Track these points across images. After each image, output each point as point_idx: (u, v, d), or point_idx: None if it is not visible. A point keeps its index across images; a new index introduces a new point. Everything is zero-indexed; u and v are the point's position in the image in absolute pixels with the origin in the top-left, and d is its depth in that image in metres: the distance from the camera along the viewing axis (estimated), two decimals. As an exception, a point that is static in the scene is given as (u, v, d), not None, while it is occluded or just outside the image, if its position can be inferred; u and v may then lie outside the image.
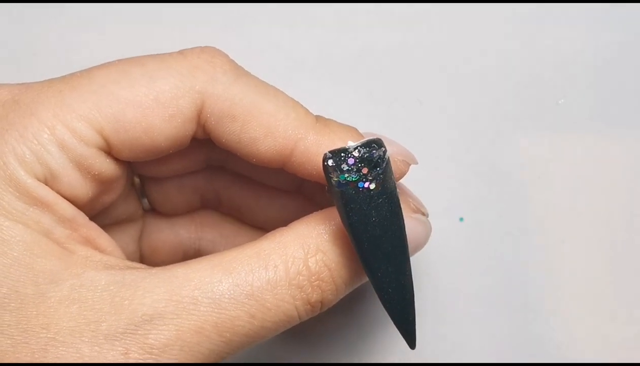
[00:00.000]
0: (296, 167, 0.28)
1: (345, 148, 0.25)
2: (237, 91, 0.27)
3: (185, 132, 0.27)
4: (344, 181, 0.25)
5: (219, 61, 0.27)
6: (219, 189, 0.32)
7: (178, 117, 0.27)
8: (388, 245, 0.26)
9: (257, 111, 0.27)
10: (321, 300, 0.26)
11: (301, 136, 0.27)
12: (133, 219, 0.32)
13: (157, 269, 0.25)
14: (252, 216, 0.32)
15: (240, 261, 0.26)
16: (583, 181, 0.35)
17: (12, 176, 0.25)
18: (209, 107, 0.27)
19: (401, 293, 0.27)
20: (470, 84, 0.36)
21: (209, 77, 0.27)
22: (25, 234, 0.25)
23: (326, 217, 0.27)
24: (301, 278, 0.26)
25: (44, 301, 0.24)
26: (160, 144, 0.27)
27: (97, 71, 0.27)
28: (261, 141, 0.27)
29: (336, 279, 0.26)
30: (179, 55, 0.27)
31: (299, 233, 0.26)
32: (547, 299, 0.35)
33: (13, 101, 0.26)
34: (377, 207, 0.26)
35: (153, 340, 0.24)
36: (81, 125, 0.26)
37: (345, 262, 0.26)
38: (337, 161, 0.25)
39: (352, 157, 0.25)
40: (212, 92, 0.27)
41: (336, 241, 0.26)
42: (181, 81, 0.27)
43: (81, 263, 0.25)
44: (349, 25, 0.36)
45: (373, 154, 0.25)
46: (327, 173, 0.25)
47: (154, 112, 0.26)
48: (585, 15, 0.35)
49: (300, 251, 0.26)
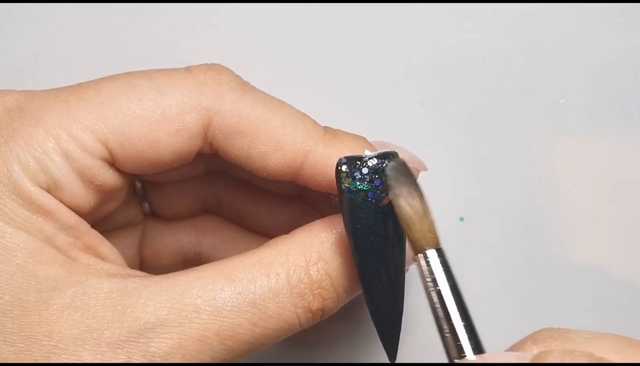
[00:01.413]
0: (307, 179, 0.28)
1: (361, 156, 0.26)
2: (244, 106, 0.27)
3: (190, 148, 0.27)
4: (354, 189, 0.26)
5: (225, 77, 0.27)
6: (220, 194, 0.32)
7: (184, 133, 0.27)
8: (386, 258, 0.26)
9: (265, 126, 0.27)
10: (322, 308, 0.26)
11: (310, 148, 0.27)
12: (134, 224, 0.32)
13: (159, 278, 0.26)
14: (253, 221, 0.32)
15: (242, 269, 0.26)
16: (583, 180, 0.35)
17: (16, 183, 0.25)
18: (216, 124, 0.27)
19: (392, 306, 0.27)
20: (470, 84, 0.35)
21: (216, 93, 0.27)
22: (28, 242, 0.25)
23: (328, 225, 0.27)
24: (302, 286, 0.26)
25: (47, 308, 0.24)
26: (164, 158, 0.27)
27: (105, 82, 0.27)
28: (270, 156, 0.27)
29: (337, 287, 0.27)
30: (185, 72, 0.27)
31: (301, 241, 0.27)
32: (547, 299, 0.36)
33: (19, 109, 0.26)
34: (382, 220, 0.26)
35: (155, 348, 0.24)
36: (86, 136, 0.26)
37: (346, 271, 0.27)
38: (351, 168, 0.25)
39: (367, 167, 0.26)
40: (219, 109, 0.27)
41: (338, 250, 0.27)
42: (188, 97, 0.27)
43: (83, 270, 0.25)
44: (350, 26, 0.36)
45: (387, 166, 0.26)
46: (339, 178, 0.26)
47: (160, 127, 0.26)
48: (585, 15, 0.35)
49: (302, 259, 0.26)
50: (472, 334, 0.23)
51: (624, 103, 0.35)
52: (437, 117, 0.36)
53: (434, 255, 0.24)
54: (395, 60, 0.36)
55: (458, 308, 0.23)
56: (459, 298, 0.24)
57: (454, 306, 0.23)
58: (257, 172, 0.28)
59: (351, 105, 0.36)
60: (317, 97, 0.36)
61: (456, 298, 0.24)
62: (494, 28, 0.35)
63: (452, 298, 0.24)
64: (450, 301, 0.24)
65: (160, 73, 0.27)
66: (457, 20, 0.35)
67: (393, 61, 0.36)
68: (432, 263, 0.24)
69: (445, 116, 0.36)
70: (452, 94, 0.36)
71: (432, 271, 0.24)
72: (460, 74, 0.36)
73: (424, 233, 0.25)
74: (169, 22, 0.36)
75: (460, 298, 0.24)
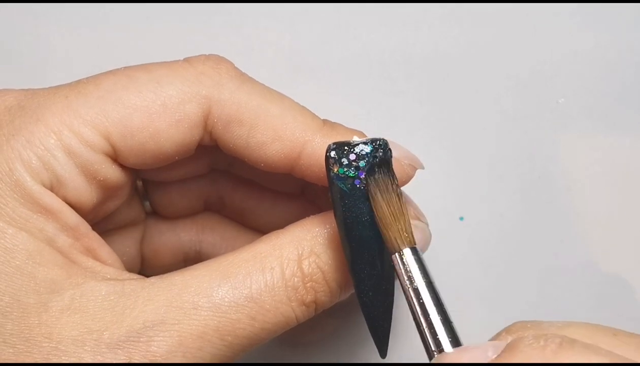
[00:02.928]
0: (304, 170, 0.28)
1: (349, 142, 0.26)
2: (244, 95, 0.27)
3: (192, 138, 0.27)
4: (342, 175, 0.25)
5: (224, 67, 0.28)
6: (223, 193, 0.32)
7: (185, 122, 0.27)
8: (375, 248, 0.26)
9: (265, 115, 0.27)
10: (315, 301, 0.26)
11: (308, 138, 0.27)
12: (135, 223, 0.32)
13: (155, 279, 0.26)
14: (254, 219, 0.32)
15: (238, 264, 0.26)
16: (583, 180, 0.35)
17: (18, 182, 0.25)
18: (216, 112, 0.27)
19: (381, 298, 0.27)
20: (470, 83, 0.35)
21: (215, 82, 0.27)
22: (28, 243, 0.25)
23: (322, 220, 0.27)
24: (296, 279, 0.26)
25: (46, 310, 0.24)
26: (166, 150, 0.27)
27: (104, 77, 0.27)
28: (269, 145, 0.27)
29: (329, 281, 0.27)
30: (184, 63, 0.28)
31: (294, 235, 0.27)
32: (547, 299, 0.36)
33: (19, 107, 0.26)
34: (371, 209, 0.26)
35: (156, 347, 0.24)
36: (88, 130, 0.26)
37: (339, 266, 0.27)
38: (338, 154, 0.25)
39: (354, 154, 0.25)
40: (218, 97, 0.27)
41: (331, 244, 0.27)
42: (188, 86, 0.27)
43: (81, 273, 0.25)
44: (350, 26, 0.36)
45: (375, 154, 0.25)
46: (328, 165, 0.25)
47: (161, 118, 0.26)
48: (585, 15, 0.35)
49: (294, 252, 0.26)
50: (450, 328, 0.24)
51: (624, 103, 0.35)
52: (437, 117, 0.36)
53: (409, 254, 0.25)
54: (395, 60, 0.36)
55: (434, 303, 0.24)
56: (435, 294, 0.24)
57: (430, 302, 0.24)
58: (255, 163, 0.28)
59: (351, 105, 0.36)
60: (317, 97, 0.36)
61: (432, 294, 0.24)
62: (494, 28, 0.35)
63: (428, 294, 0.24)
64: (427, 298, 0.24)
65: (158, 65, 0.27)
66: (457, 20, 0.35)
67: (393, 61, 0.36)
68: (408, 262, 0.25)
69: (445, 116, 0.36)
70: (452, 94, 0.36)
71: (408, 270, 0.24)
72: (460, 74, 0.36)
73: (399, 232, 0.25)
74: (169, 22, 0.36)
75: (436, 294, 0.24)
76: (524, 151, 0.35)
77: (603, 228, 0.35)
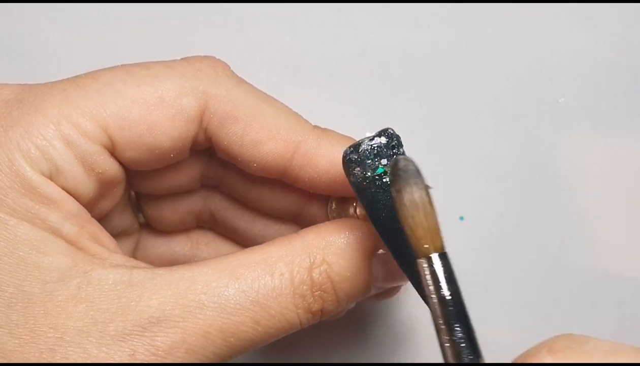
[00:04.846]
0: (297, 171, 0.28)
1: (362, 141, 0.26)
2: (240, 93, 0.28)
3: (188, 133, 0.27)
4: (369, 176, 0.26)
5: (221, 66, 0.28)
6: (214, 211, 0.32)
7: (181, 116, 0.27)
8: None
9: (260, 114, 0.27)
10: (321, 310, 0.26)
11: (302, 138, 0.28)
12: (129, 233, 0.32)
13: (164, 270, 0.26)
14: (247, 239, 0.32)
15: (247, 266, 0.26)
16: (583, 180, 0.35)
17: (18, 172, 0.25)
18: (212, 107, 0.27)
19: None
20: (470, 83, 0.36)
21: (212, 79, 0.27)
22: (30, 233, 0.25)
23: (338, 228, 0.27)
24: (304, 287, 0.26)
25: (51, 300, 0.24)
26: (162, 144, 0.27)
27: (102, 71, 0.27)
28: (263, 144, 0.27)
29: (338, 292, 0.27)
30: (182, 61, 0.28)
31: (307, 241, 0.27)
32: (547, 298, 0.36)
33: (16, 100, 0.26)
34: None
35: (160, 342, 0.24)
36: (86, 121, 0.26)
37: (349, 276, 0.27)
38: (359, 154, 0.26)
39: (372, 150, 0.26)
40: (215, 94, 0.27)
41: (344, 254, 0.27)
42: (186, 81, 0.27)
43: (89, 260, 0.25)
44: (350, 26, 0.36)
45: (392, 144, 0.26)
46: (349, 169, 0.26)
47: (158, 110, 0.27)
48: (585, 15, 0.35)
49: (306, 260, 0.26)
50: (472, 345, 0.22)
51: (624, 103, 0.35)
52: (437, 117, 0.36)
53: (438, 260, 0.22)
54: (395, 60, 0.36)
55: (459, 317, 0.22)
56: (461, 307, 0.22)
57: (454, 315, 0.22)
58: (248, 164, 0.28)
59: (351, 105, 0.36)
60: (317, 96, 0.36)
61: (457, 307, 0.22)
62: (493, 28, 0.35)
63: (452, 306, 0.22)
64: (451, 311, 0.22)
65: (156, 63, 0.28)
66: (457, 20, 0.35)
67: (393, 61, 0.36)
68: (437, 269, 0.22)
69: (445, 116, 0.36)
70: (452, 94, 0.36)
71: (436, 277, 0.22)
72: (460, 74, 0.36)
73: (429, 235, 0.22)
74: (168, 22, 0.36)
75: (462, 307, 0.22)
76: (524, 151, 0.35)
77: (603, 228, 0.35)
